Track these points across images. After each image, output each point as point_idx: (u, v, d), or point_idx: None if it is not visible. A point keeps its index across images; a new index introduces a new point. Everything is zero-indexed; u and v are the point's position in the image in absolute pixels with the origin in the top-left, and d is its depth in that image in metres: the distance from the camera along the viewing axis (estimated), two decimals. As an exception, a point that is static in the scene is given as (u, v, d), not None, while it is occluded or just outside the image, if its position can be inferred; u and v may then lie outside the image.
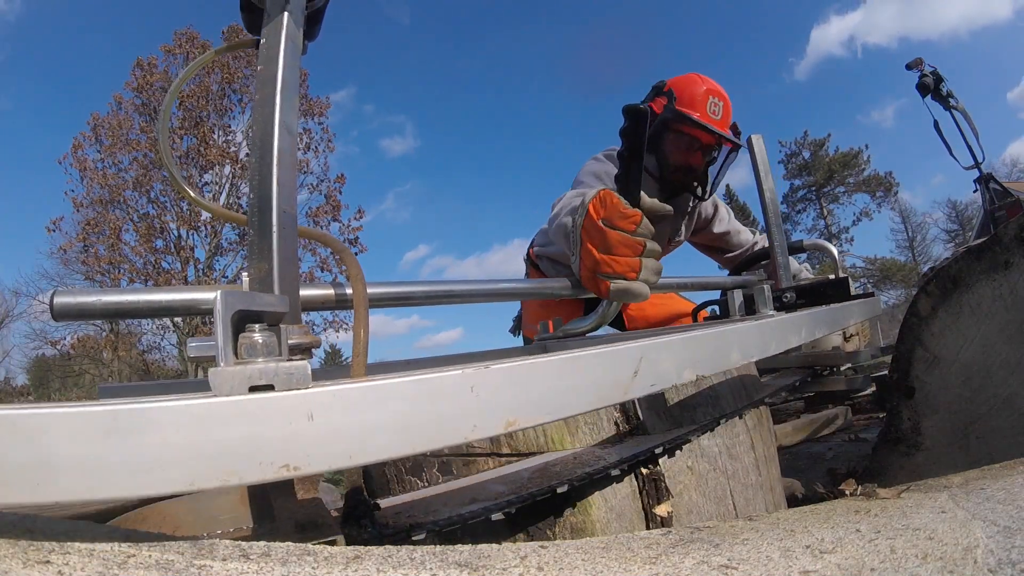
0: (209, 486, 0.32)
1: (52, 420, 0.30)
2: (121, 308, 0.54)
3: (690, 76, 1.73)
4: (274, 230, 0.51)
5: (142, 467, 0.31)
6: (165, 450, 0.31)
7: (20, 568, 0.35)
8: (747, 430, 1.02)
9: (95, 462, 0.30)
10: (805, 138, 32.16)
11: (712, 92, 1.69)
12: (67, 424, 0.30)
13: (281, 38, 0.57)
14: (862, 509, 0.64)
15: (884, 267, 28.96)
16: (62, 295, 0.50)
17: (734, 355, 0.68)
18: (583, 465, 0.72)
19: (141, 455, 0.31)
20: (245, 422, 0.33)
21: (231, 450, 0.33)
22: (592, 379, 0.49)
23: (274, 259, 0.51)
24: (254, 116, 0.57)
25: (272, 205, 0.52)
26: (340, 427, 0.36)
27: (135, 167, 16.69)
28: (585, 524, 0.81)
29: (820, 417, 3.04)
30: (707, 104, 1.67)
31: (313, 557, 0.46)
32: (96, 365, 18.85)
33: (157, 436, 0.31)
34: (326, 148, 18.88)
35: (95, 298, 0.52)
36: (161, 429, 0.31)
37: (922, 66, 3.82)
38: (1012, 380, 1.15)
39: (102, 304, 0.52)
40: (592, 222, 0.78)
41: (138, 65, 17.37)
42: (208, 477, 0.32)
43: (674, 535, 0.59)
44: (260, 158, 0.54)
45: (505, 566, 0.49)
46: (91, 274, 16.87)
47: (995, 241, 1.19)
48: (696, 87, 1.69)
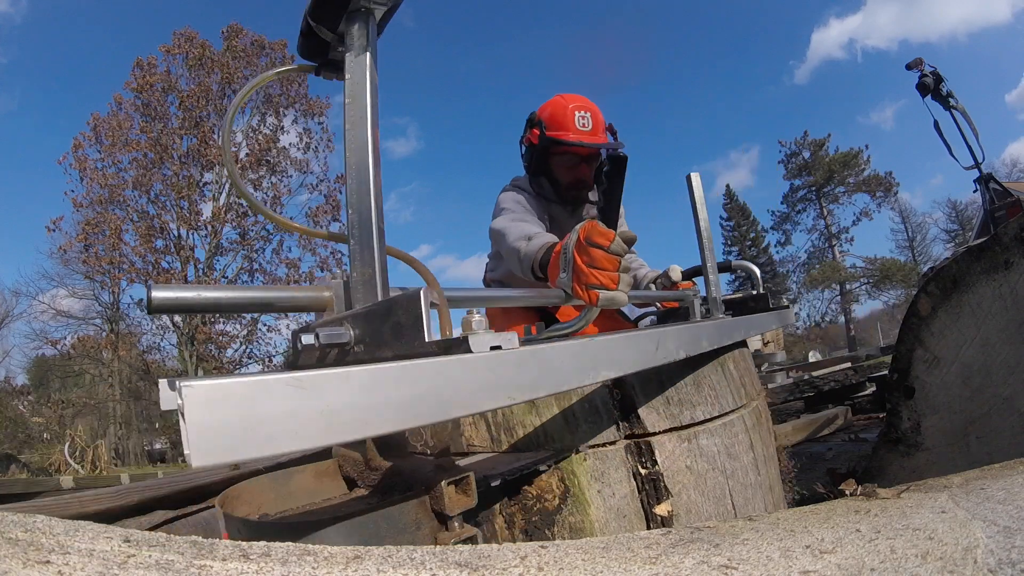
0: (491, 407, 0.48)
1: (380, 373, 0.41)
2: (220, 302, 0.62)
3: (555, 99, 1.86)
4: (375, 243, 0.63)
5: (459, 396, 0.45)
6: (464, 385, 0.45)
7: (20, 568, 0.35)
8: (746, 430, 1.02)
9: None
10: (805, 138, 32.17)
11: (578, 108, 1.80)
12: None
13: (366, 75, 0.68)
14: (862, 509, 0.64)
15: (884, 267, 28.95)
16: (159, 289, 0.55)
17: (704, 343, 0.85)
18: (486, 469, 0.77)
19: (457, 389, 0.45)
20: (494, 368, 0.48)
21: (494, 384, 0.48)
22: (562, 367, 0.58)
23: (376, 266, 0.63)
24: (346, 144, 0.68)
25: (372, 223, 0.64)
26: (532, 373, 0.52)
27: (135, 167, 16.68)
28: (585, 524, 0.81)
29: (820, 417, 3.05)
30: (575, 120, 1.78)
31: (313, 557, 0.46)
32: (96, 365, 18.83)
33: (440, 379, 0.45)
34: (326, 148, 18.90)
35: (195, 293, 0.59)
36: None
37: (922, 66, 3.82)
38: (1012, 380, 1.15)
39: (201, 299, 0.59)
40: (580, 243, 0.96)
41: (138, 65, 17.37)
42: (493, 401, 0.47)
43: (674, 535, 0.59)
44: (357, 185, 0.66)
45: (505, 566, 0.49)
46: (91, 274, 16.87)
47: (995, 241, 1.19)
48: (561, 108, 1.81)
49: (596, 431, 0.87)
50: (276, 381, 0.34)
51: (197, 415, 0.31)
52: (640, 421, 0.89)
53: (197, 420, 0.31)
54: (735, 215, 34.08)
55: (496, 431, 0.90)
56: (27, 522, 0.47)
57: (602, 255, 0.94)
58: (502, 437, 0.90)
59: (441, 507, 0.57)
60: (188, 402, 0.31)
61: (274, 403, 0.34)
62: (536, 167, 1.90)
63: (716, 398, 1.00)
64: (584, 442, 0.86)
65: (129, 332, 18.06)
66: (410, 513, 0.57)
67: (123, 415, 19.61)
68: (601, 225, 0.95)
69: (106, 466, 9.83)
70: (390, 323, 0.53)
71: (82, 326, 18.20)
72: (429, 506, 0.58)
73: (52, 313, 17.93)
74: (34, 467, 9.78)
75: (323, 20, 0.72)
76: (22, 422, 17.76)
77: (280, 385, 0.34)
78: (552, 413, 0.88)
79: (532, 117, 1.87)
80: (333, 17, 0.71)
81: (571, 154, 1.81)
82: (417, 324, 0.49)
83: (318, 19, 0.73)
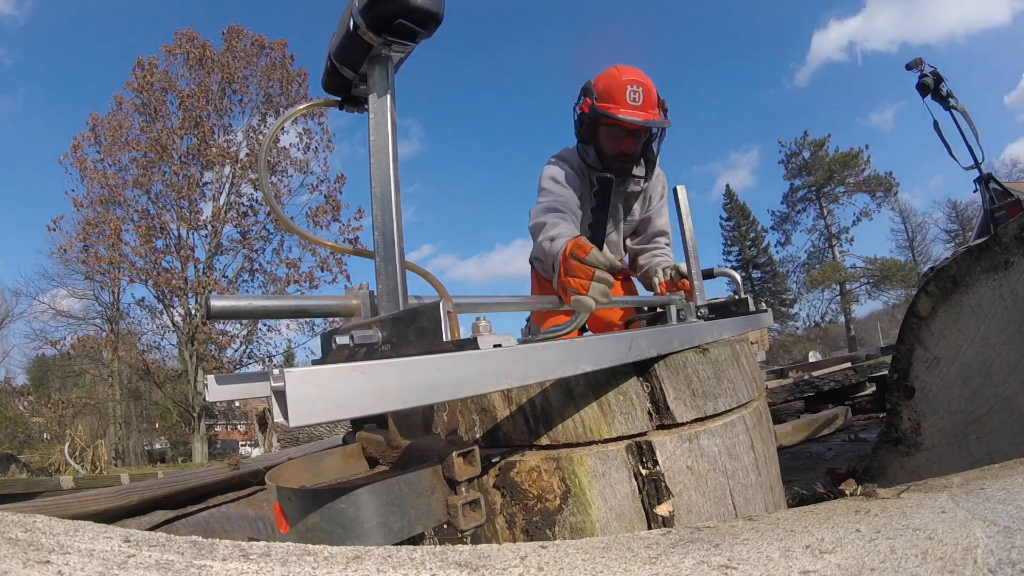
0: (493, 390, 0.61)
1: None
2: (269, 310, 0.77)
3: (610, 70, 1.88)
4: (397, 261, 0.76)
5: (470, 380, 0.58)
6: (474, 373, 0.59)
7: (20, 568, 0.35)
8: (747, 430, 1.02)
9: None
10: (805, 138, 32.16)
11: (631, 81, 1.81)
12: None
13: (387, 115, 0.79)
14: (862, 509, 0.64)
15: (884, 267, 28.94)
16: (217, 299, 0.70)
17: (676, 344, 1.00)
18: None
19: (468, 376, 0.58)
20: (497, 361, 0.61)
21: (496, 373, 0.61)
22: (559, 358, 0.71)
23: (398, 279, 0.75)
24: (372, 176, 0.79)
25: (395, 244, 0.76)
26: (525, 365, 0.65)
27: (135, 167, 16.67)
28: (585, 524, 0.81)
29: (820, 417, 3.05)
30: (626, 94, 1.80)
31: (313, 557, 0.46)
32: (96, 365, 18.83)
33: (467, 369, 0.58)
34: (326, 148, 18.89)
35: (247, 302, 0.73)
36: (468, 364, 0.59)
37: (922, 66, 3.82)
38: (1012, 380, 1.15)
39: (252, 307, 0.74)
40: (565, 255, 1.13)
41: (138, 65, 17.37)
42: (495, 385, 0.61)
43: (674, 535, 0.59)
44: (382, 211, 0.77)
45: (505, 566, 0.49)
46: (91, 274, 16.88)
47: (995, 241, 1.19)
48: (614, 81, 1.83)
49: (631, 421, 0.91)
50: (345, 368, 0.48)
51: (295, 391, 0.44)
52: (670, 411, 0.93)
53: (295, 395, 0.44)
54: (735, 215, 34.08)
55: (535, 423, 0.92)
56: (27, 522, 0.47)
57: (576, 265, 1.10)
58: (540, 429, 0.91)
59: (452, 474, 0.68)
60: (289, 382, 0.44)
61: (343, 384, 0.48)
62: (585, 135, 1.94)
63: (734, 390, 1.05)
64: (620, 432, 0.89)
65: (129, 332, 18.05)
66: (426, 479, 0.68)
67: (123, 415, 19.62)
68: (583, 239, 1.11)
69: (106, 466, 9.83)
70: (414, 327, 0.66)
71: (82, 326, 18.21)
72: (442, 474, 0.69)
73: (52, 313, 17.94)
74: (34, 467, 9.78)
75: (346, 62, 0.82)
76: (22, 422, 17.77)
77: (348, 371, 0.48)
78: (589, 404, 0.91)
79: (587, 86, 1.90)
80: (356, 60, 0.81)
81: (618, 127, 1.83)
82: (437, 328, 0.63)
83: (342, 60, 0.82)
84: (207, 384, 0.83)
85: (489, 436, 0.96)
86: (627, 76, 1.81)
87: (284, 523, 0.64)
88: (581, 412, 0.90)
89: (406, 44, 0.78)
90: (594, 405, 0.91)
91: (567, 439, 0.89)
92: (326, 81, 0.87)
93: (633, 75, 1.83)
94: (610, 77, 1.84)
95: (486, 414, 0.95)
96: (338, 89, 0.88)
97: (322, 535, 0.60)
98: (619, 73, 1.83)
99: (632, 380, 0.94)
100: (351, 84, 0.86)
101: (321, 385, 0.46)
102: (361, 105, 0.91)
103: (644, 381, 0.95)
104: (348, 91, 0.88)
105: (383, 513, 0.63)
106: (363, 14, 0.73)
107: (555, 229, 1.59)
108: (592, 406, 0.91)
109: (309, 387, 0.46)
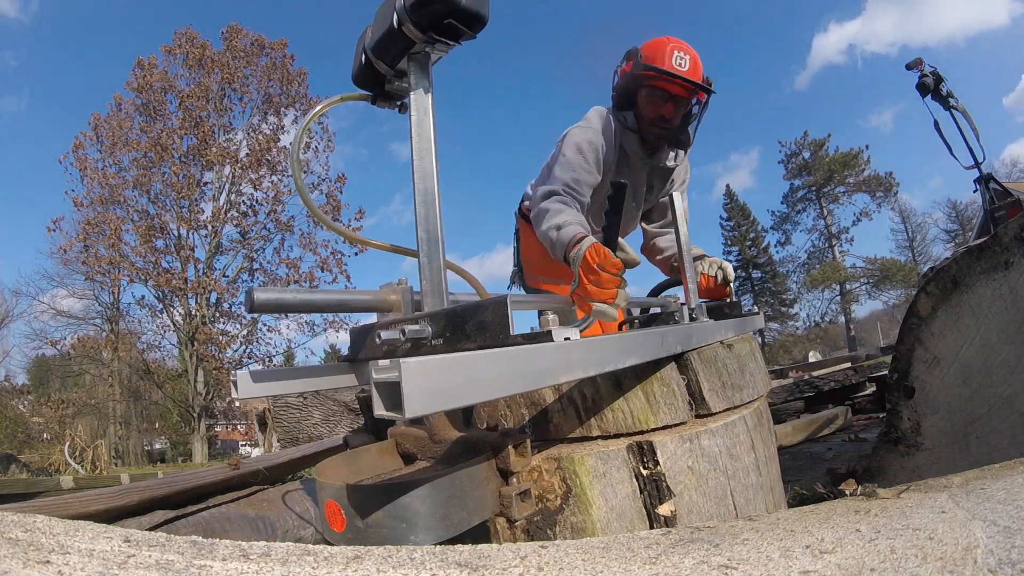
0: (566, 380, 0.64)
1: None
2: (312, 303, 0.78)
3: (659, 39, 1.83)
4: (441, 256, 0.77)
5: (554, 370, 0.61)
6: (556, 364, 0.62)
7: (20, 568, 0.35)
8: (747, 430, 1.02)
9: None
10: (805, 138, 32.13)
11: (677, 48, 1.77)
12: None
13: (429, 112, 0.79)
14: (862, 509, 0.64)
15: (884, 267, 28.92)
16: (261, 292, 0.69)
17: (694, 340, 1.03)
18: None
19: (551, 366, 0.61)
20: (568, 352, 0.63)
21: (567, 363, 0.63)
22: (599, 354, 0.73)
23: (442, 275, 0.77)
24: (414, 173, 0.79)
25: (438, 241, 0.76)
26: (594, 355, 0.69)
27: (135, 167, 16.66)
28: (585, 524, 0.81)
29: (820, 417, 3.05)
30: (672, 58, 1.75)
31: (313, 557, 0.46)
32: (96, 365, 18.83)
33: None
34: (326, 148, 18.89)
35: (292, 295, 0.73)
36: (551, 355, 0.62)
37: (922, 66, 3.81)
38: (1012, 380, 1.15)
39: (296, 300, 0.74)
40: (589, 265, 1.12)
41: (138, 65, 17.36)
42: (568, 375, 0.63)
43: (674, 535, 0.59)
44: (425, 208, 0.77)
45: (505, 566, 0.49)
46: (91, 274, 16.86)
47: (995, 241, 1.18)
48: (661, 45, 1.79)
49: (673, 412, 0.94)
50: (456, 359, 0.50)
51: (411, 382, 0.46)
52: (705, 402, 0.98)
53: (412, 386, 0.45)
54: (735, 215, 34.05)
55: (586, 415, 0.93)
56: (27, 522, 0.47)
57: (608, 279, 1.12)
58: (592, 422, 0.93)
59: (507, 466, 0.70)
60: (405, 373, 0.45)
61: (454, 374, 0.50)
62: (622, 101, 1.88)
63: (754, 383, 1.12)
64: (664, 422, 0.92)
65: (129, 332, 18.04)
66: (483, 471, 0.69)
67: (123, 415, 19.62)
68: (611, 253, 1.13)
69: (106, 466, 9.82)
70: (474, 322, 0.67)
71: (82, 326, 18.20)
72: (495, 466, 0.70)
73: (52, 313, 17.93)
74: (34, 467, 9.77)
75: (384, 57, 0.81)
76: (22, 422, 17.76)
77: (458, 361, 0.50)
78: (637, 396, 0.93)
79: (631, 50, 1.85)
80: (394, 56, 0.80)
81: (658, 88, 1.79)
82: (503, 322, 0.64)
83: (379, 55, 0.81)
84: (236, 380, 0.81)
85: (538, 429, 0.97)
86: (674, 43, 1.77)
87: (340, 521, 0.64)
88: (630, 403, 0.92)
89: (449, 44, 0.78)
90: (641, 396, 0.93)
91: (616, 430, 0.91)
92: (358, 75, 0.86)
93: (681, 44, 1.78)
94: (658, 42, 1.79)
95: (535, 407, 0.97)
96: (371, 84, 0.87)
97: (384, 531, 0.60)
98: (667, 40, 1.79)
99: (673, 372, 0.97)
100: (385, 80, 0.85)
101: (435, 375, 0.48)
102: (393, 101, 0.91)
103: (681, 373, 0.99)
104: (382, 87, 0.87)
105: (445, 506, 0.64)
106: (409, 11, 0.73)
107: (559, 217, 1.58)
108: (640, 396, 0.93)
109: (424, 377, 0.47)
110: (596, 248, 1.15)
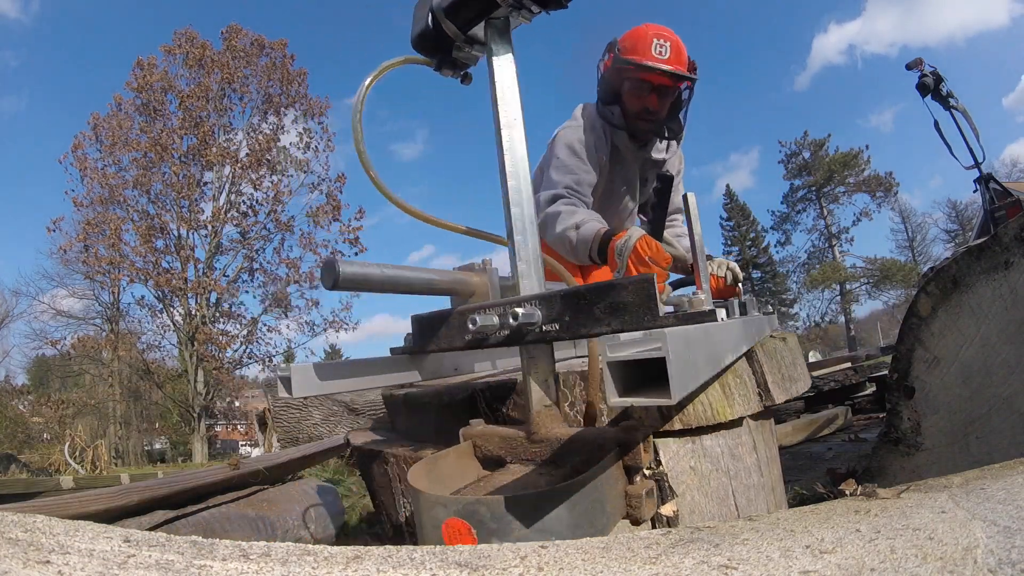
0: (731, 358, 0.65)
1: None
2: (398, 282, 0.71)
3: (637, 28, 1.76)
4: (534, 238, 0.73)
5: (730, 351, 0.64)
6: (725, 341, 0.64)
7: (20, 568, 0.35)
8: (749, 430, 1.02)
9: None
10: (805, 138, 32.11)
11: (657, 35, 1.69)
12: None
13: (514, 80, 0.74)
14: (862, 509, 0.64)
15: (884, 267, 28.91)
16: (347, 265, 0.62)
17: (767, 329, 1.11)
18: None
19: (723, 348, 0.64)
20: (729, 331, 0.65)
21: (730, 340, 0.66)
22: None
23: (540, 256, 0.73)
24: (502, 147, 0.73)
25: (533, 217, 0.73)
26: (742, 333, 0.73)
27: (135, 167, 16.66)
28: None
29: (820, 417, 3.05)
30: (651, 47, 1.68)
31: (313, 557, 0.46)
32: (96, 365, 18.82)
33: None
34: (326, 148, 18.88)
35: (378, 270, 0.67)
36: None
37: (922, 66, 3.81)
38: (1012, 380, 1.15)
39: (383, 276, 0.68)
40: (640, 257, 1.12)
41: (138, 65, 17.35)
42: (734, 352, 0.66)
43: (674, 535, 0.59)
44: (517, 183, 0.73)
45: (505, 566, 0.49)
46: (91, 274, 16.86)
47: (995, 241, 1.18)
48: (640, 34, 1.71)
49: (745, 402, 0.94)
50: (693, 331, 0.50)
51: (675, 356, 0.44)
52: (770, 393, 0.99)
53: (674, 360, 0.44)
54: (735, 215, 34.05)
55: (667, 408, 0.90)
56: (27, 522, 0.47)
57: (659, 272, 1.11)
58: (673, 414, 0.91)
59: (637, 463, 0.66)
60: (672, 345, 0.44)
61: (697, 349, 0.50)
62: (607, 95, 1.82)
63: (804, 375, 1.18)
64: (739, 413, 0.92)
65: (129, 332, 18.04)
66: (615, 471, 0.65)
67: (123, 415, 19.61)
68: (663, 247, 1.09)
69: (106, 466, 9.82)
70: (605, 304, 0.62)
71: (82, 326, 18.20)
72: (622, 464, 0.66)
73: (52, 313, 17.93)
74: (34, 467, 9.77)
75: (456, 19, 0.73)
76: (22, 422, 17.75)
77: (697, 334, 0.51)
78: (714, 388, 0.93)
79: (612, 42, 1.78)
80: (469, 19, 0.73)
81: (641, 80, 1.72)
82: (649, 303, 0.60)
83: (452, 17, 0.73)
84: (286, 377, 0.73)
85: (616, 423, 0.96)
86: (654, 31, 1.70)
87: (470, 539, 0.57)
88: (708, 394, 0.91)
89: (534, 12, 0.72)
90: (717, 387, 0.91)
91: (698, 422, 0.89)
92: (420, 39, 0.77)
93: (660, 30, 1.71)
94: (636, 31, 1.73)
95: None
96: (436, 49, 0.79)
97: None
98: (646, 28, 1.72)
99: (744, 363, 0.96)
100: (453, 45, 0.77)
101: (691, 349, 0.48)
102: (457, 69, 0.82)
103: (749, 364, 0.99)
104: (448, 52, 0.79)
105: (591, 512, 0.59)
106: None
107: (574, 217, 1.55)
108: (716, 388, 0.91)
109: (686, 351, 0.45)
110: (647, 240, 1.12)
